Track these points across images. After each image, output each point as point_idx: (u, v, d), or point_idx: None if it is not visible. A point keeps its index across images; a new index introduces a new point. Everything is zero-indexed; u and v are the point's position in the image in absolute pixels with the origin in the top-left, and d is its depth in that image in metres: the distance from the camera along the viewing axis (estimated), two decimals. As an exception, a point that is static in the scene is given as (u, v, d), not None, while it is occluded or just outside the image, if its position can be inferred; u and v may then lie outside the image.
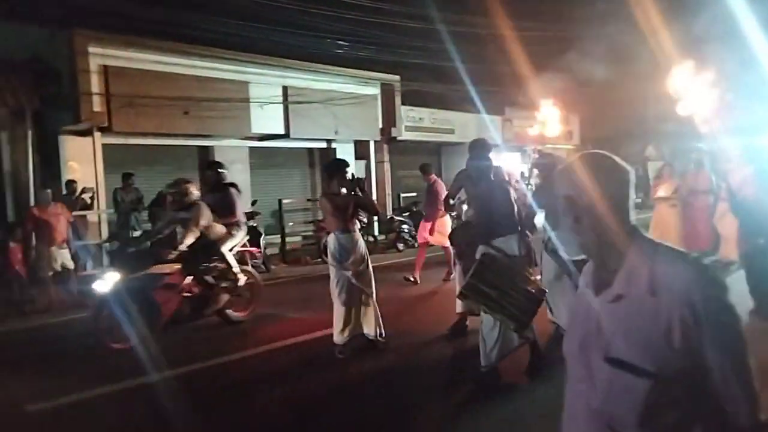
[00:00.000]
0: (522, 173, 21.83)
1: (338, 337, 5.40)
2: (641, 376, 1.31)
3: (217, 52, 12.19)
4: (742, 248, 6.18)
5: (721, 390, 1.29)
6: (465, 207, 6.37)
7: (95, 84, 10.44)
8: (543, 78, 16.93)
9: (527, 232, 4.84)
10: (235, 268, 6.59)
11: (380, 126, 15.92)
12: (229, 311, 6.74)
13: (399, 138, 16.37)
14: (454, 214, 7.44)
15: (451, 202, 5.87)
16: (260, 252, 8.32)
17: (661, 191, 10.14)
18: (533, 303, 4.03)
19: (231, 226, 6.75)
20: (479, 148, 4.99)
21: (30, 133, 10.10)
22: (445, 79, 18.49)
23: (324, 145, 15.12)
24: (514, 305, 3.96)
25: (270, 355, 5.70)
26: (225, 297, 6.54)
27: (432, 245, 9.27)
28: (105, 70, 10.57)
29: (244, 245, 7.23)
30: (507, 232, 4.69)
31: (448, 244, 8.74)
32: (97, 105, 10.45)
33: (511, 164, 20.14)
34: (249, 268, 7.13)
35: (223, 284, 6.50)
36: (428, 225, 9.11)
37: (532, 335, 4.61)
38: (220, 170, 7.42)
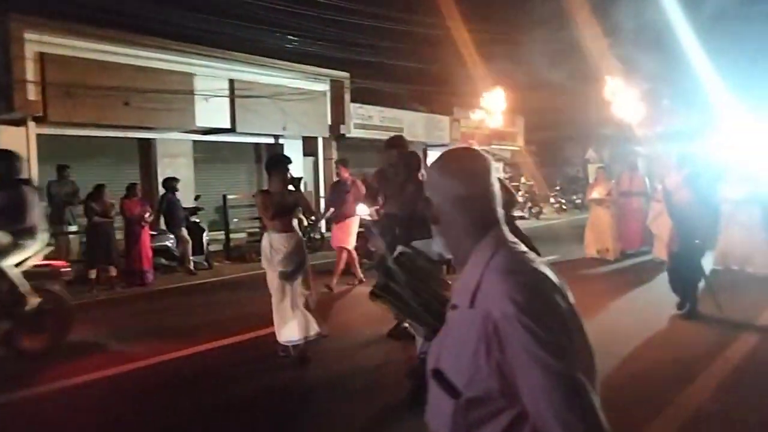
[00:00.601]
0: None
1: (280, 337, 5.28)
2: (449, 392, 1.24)
3: (161, 42, 11.87)
4: (672, 248, 6.46)
5: (538, 424, 1.15)
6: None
7: (30, 72, 10.00)
8: (489, 79, 17.28)
9: None
10: (23, 287, 5.37)
11: (329, 123, 15.86)
12: (23, 341, 5.48)
13: (348, 135, 16.36)
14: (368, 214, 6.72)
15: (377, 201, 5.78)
16: (69, 267, 6.65)
17: (595, 193, 10.54)
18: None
19: (20, 234, 5.36)
20: (400, 146, 4.95)
21: (-43, 121, 9.60)
22: (395, 78, 18.64)
23: (271, 140, 14.96)
24: (428, 310, 3.92)
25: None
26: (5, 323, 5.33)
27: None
28: (41, 58, 10.13)
29: (48, 257, 5.95)
30: (428, 235, 4.64)
31: (352, 247, 8.53)
32: (32, 94, 10.02)
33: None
34: (55, 287, 5.83)
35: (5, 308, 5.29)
36: (343, 227, 8.61)
37: None
38: (12, 161, 5.60)
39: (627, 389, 4.41)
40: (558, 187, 24.01)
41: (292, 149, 15.58)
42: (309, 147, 16.01)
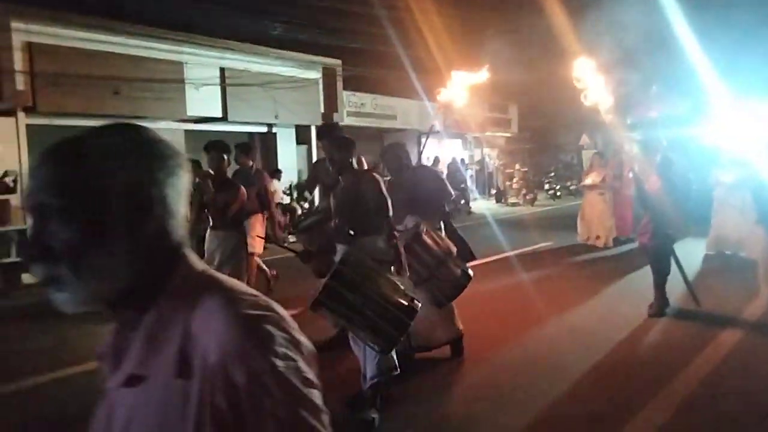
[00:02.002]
0: (462, 160, 22.18)
1: None
2: None
3: (150, 30, 11.73)
4: (643, 240, 6.17)
5: None
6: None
7: (18, 61, 9.88)
8: (482, 64, 17.17)
9: (395, 232, 4.15)
10: None
11: (322, 111, 15.79)
12: None
13: (341, 123, 16.28)
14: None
15: (308, 196, 5.64)
16: None
17: (589, 179, 10.54)
18: (406, 315, 3.49)
19: None
20: (328, 135, 4.54)
21: (-53, 111, 9.49)
22: (388, 64, 18.52)
23: (264, 129, 14.89)
24: (382, 317, 3.41)
25: None
26: None
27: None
28: (29, 47, 10.02)
29: None
30: (372, 231, 4.06)
31: (258, 250, 6.97)
32: (21, 84, 9.91)
33: (451, 151, 20.47)
34: None
35: None
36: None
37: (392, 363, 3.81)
38: None
39: (620, 375, 4.44)
40: (552, 174, 24.04)
41: (285, 138, 15.52)
42: (302, 135, 15.94)
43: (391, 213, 4.08)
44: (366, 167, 5.48)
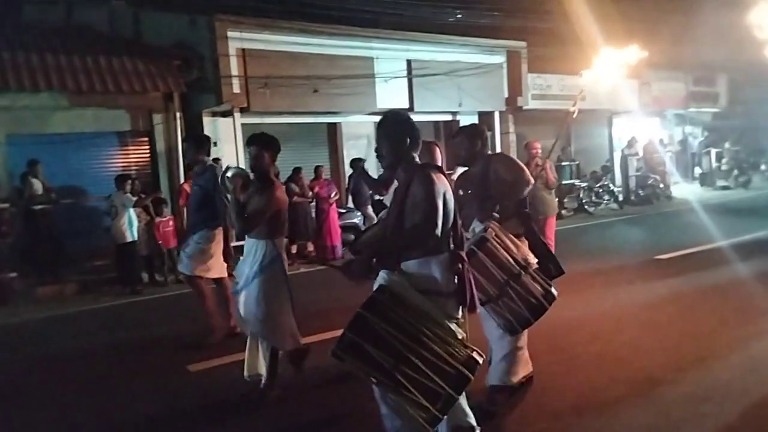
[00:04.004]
0: (660, 140, 20.39)
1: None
2: None
3: (344, 29, 12.48)
4: None
5: None
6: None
7: (234, 67, 11.12)
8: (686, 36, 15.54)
9: (461, 251, 2.91)
10: None
11: (505, 96, 15.51)
12: None
13: (525, 107, 15.87)
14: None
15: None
16: None
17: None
18: (460, 374, 2.61)
19: None
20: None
21: (178, 115, 11.02)
22: (575, 42, 17.53)
23: (449, 117, 15.05)
24: (424, 375, 2.55)
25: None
26: None
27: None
28: (243, 54, 11.21)
29: None
30: (421, 253, 2.82)
31: (223, 274, 5.99)
32: (236, 87, 11.15)
33: (649, 131, 18.87)
34: None
35: None
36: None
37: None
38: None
39: None
40: (772, 153, 21.06)
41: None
42: (485, 122, 15.81)
43: (439, 225, 2.76)
44: (437, 160, 4.13)
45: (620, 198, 16.07)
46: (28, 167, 9.17)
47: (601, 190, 15.58)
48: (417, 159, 2.99)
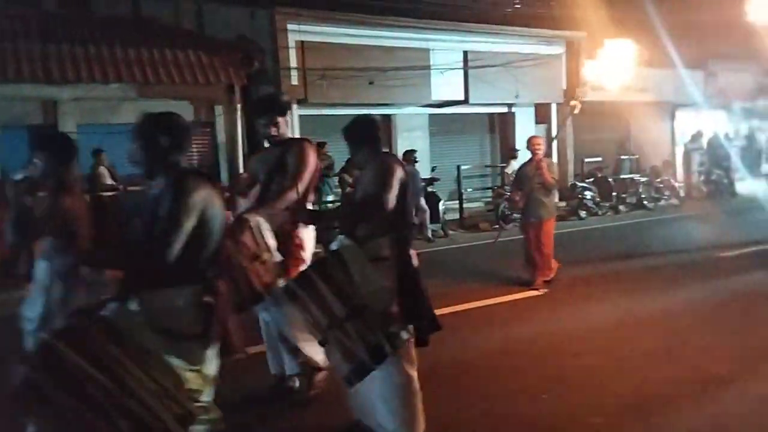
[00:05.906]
0: (726, 134, 19.59)
1: None
2: None
3: (400, 21, 12.50)
4: None
5: None
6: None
7: (293, 59, 11.34)
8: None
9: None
10: None
11: (563, 87, 15.22)
12: None
13: (583, 99, 15.49)
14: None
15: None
16: None
17: None
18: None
19: None
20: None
21: (239, 107, 11.32)
22: (637, 32, 16.99)
23: (504, 109, 14.89)
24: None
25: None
26: None
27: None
28: (302, 46, 11.41)
29: None
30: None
31: None
32: (295, 79, 11.37)
33: (714, 125, 18.13)
34: None
35: None
36: None
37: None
38: None
39: None
40: None
41: (524, 117, 15.33)
42: (541, 114, 15.58)
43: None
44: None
45: (681, 194, 15.57)
46: (93, 156, 9.64)
47: (661, 186, 15.13)
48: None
